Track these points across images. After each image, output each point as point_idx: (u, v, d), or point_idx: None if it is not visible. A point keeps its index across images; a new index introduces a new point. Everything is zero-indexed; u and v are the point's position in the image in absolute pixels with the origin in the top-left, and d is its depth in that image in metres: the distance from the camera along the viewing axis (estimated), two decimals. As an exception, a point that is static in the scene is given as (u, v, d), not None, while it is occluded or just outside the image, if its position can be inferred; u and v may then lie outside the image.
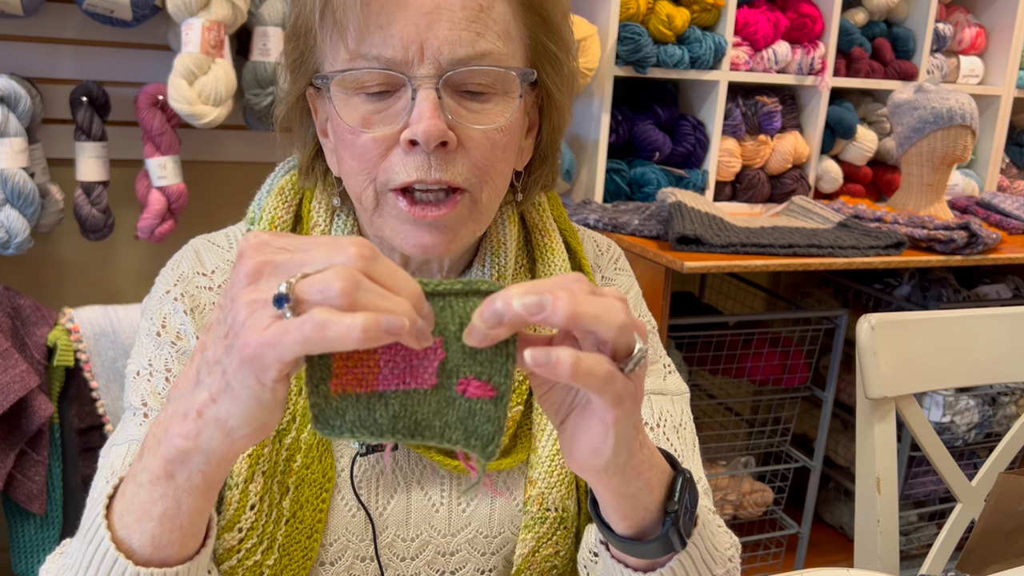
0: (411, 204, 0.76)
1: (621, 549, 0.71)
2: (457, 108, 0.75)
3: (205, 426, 0.56)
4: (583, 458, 0.62)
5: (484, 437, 0.58)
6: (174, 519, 0.60)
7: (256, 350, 0.52)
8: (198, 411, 0.56)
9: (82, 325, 1.53)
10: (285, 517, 0.82)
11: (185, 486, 0.59)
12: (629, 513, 0.68)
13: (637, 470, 0.66)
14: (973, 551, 1.15)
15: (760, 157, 2.45)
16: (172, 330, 0.84)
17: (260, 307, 0.53)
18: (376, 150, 0.76)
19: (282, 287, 0.51)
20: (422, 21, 0.73)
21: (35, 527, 1.66)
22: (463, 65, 0.74)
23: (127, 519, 0.61)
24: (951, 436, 2.35)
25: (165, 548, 0.61)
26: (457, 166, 0.75)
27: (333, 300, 0.51)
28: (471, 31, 0.74)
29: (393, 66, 0.74)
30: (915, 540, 2.58)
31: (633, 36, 2.16)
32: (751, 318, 2.29)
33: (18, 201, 1.71)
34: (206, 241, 0.90)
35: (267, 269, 0.54)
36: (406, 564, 0.88)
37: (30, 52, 1.85)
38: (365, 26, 0.73)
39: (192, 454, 0.58)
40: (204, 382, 0.56)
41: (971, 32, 2.71)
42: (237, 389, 0.54)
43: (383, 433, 0.56)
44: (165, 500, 0.59)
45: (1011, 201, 2.56)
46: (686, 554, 0.72)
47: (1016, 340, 1.32)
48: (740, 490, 2.38)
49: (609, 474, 0.64)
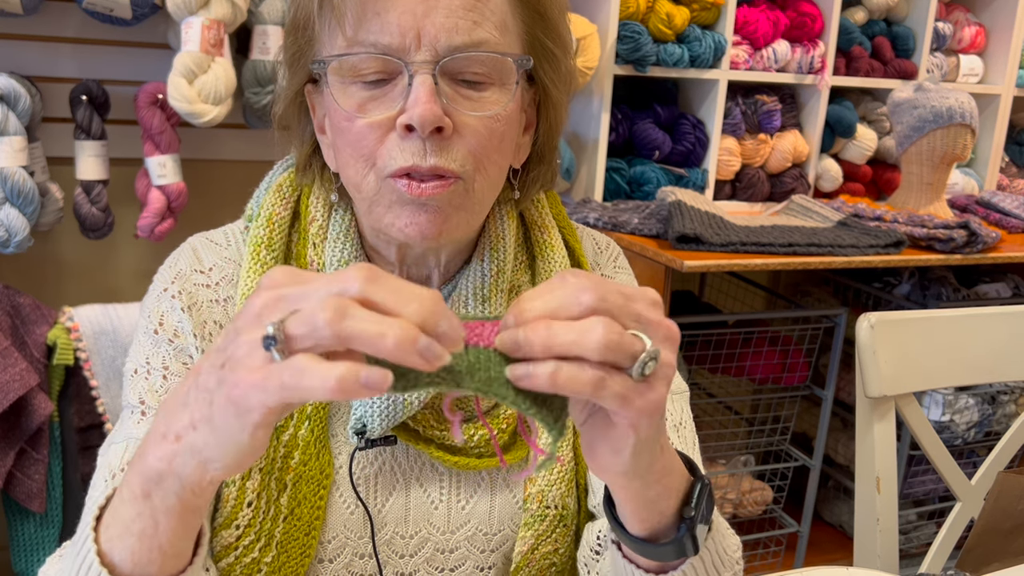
0: (409, 182, 0.76)
1: (633, 549, 0.71)
2: (454, 95, 0.75)
3: (180, 451, 0.56)
4: (603, 460, 0.62)
5: (555, 410, 0.57)
6: (152, 539, 0.59)
7: (243, 391, 0.51)
8: (177, 435, 0.56)
9: (82, 324, 1.53)
10: (283, 514, 0.82)
11: (161, 507, 0.58)
12: (646, 516, 0.68)
13: (658, 475, 0.65)
14: (972, 550, 1.15)
15: (760, 156, 2.45)
16: (169, 328, 0.84)
17: (255, 347, 0.51)
18: (372, 136, 0.76)
19: (269, 328, 0.50)
20: (419, 9, 0.73)
21: (35, 526, 1.66)
22: (459, 52, 0.74)
23: (110, 532, 0.61)
24: (951, 435, 2.35)
25: (145, 566, 0.60)
26: (452, 152, 0.75)
27: (320, 332, 0.49)
28: (468, 19, 0.74)
29: (390, 52, 0.74)
30: (914, 539, 2.58)
31: (633, 35, 2.16)
32: (751, 317, 2.29)
33: (18, 200, 1.71)
34: (204, 239, 0.90)
35: (273, 303, 0.52)
36: (405, 561, 0.88)
37: (30, 51, 1.85)
38: (362, 13, 0.74)
39: (166, 477, 0.57)
40: (190, 406, 0.56)
41: (971, 31, 2.71)
42: (218, 423, 0.54)
43: (460, 383, 0.54)
44: (143, 519, 0.59)
45: (1011, 200, 2.56)
46: (698, 559, 0.72)
47: (1016, 339, 1.32)
48: (740, 489, 2.38)
49: (629, 478, 0.63)
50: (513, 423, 0.88)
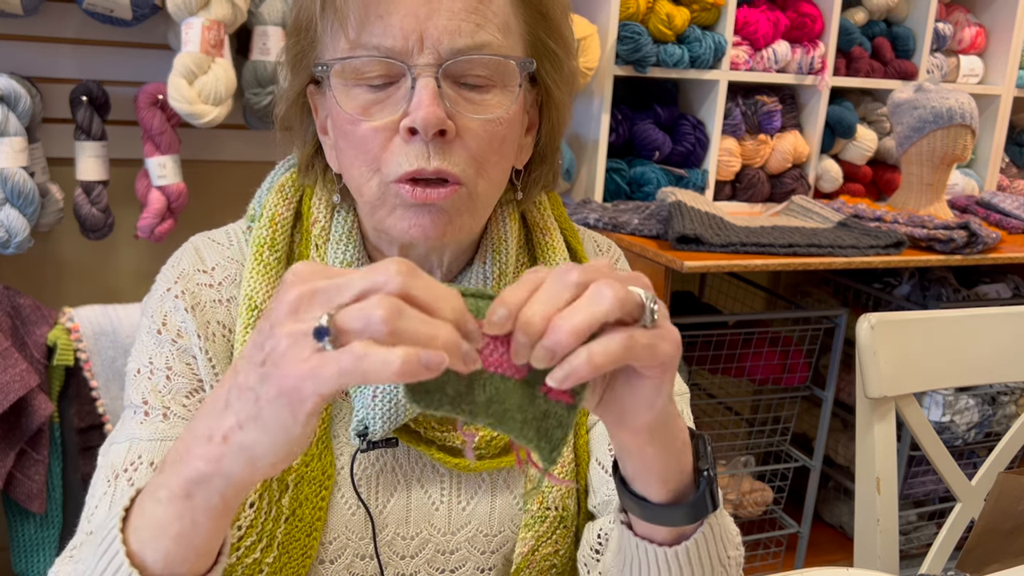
0: (412, 187, 0.76)
1: (656, 520, 0.70)
2: (456, 98, 0.75)
3: (229, 451, 0.56)
4: (638, 419, 0.63)
5: (553, 441, 0.59)
6: (189, 539, 0.60)
7: (295, 382, 0.52)
8: (224, 436, 0.56)
9: (82, 324, 1.53)
10: (284, 515, 0.82)
11: (203, 507, 0.59)
12: (672, 475, 0.68)
13: (676, 421, 0.67)
14: (973, 550, 1.15)
15: (760, 156, 2.45)
16: (173, 328, 0.84)
17: (300, 338, 0.52)
18: (376, 140, 0.76)
19: (323, 319, 0.51)
20: (422, 11, 0.73)
21: (35, 526, 1.66)
22: (462, 55, 0.74)
23: (142, 534, 0.61)
24: (951, 435, 2.35)
25: (178, 566, 0.61)
26: (455, 156, 0.75)
27: (375, 328, 0.50)
28: (470, 22, 0.74)
29: (393, 55, 0.74)
30: (915, 539, 2.58)
31: (633, 35, 2.16)
32: (751, 317, 2.29)
33: (18, 200, 1.71)
34: (206, 238, 0.90)
35: (306, 298, 0.53)
36: (406, 562, 0.88)
37: (30, 51, 1.85)
38: (365, 16, 0.74)
39: (213, 477, 0.57)
40: (233, 407, 0.56)
41: (971, 31, 2.71)
42: (268, 419, 0.54)
43: (476, 415, 0.56)
44: (182, 520, 0.59)
45: (1011, 200, 2.56)
46: (708, 527, 0.72)
47: (1016, 340, 1.32)
48: (740, 489, 2.38)
49: (659, 430, 0.64)
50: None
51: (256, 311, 0.83)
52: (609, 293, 0.56)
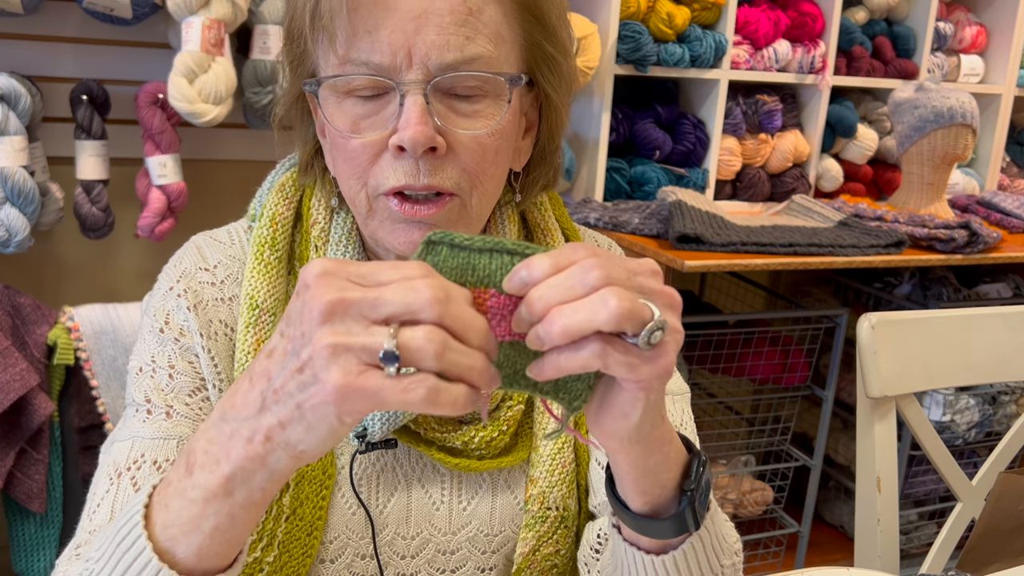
0: (402, 202, 0.76)
1: (635, 528, 0.71)
2: (446, 113, 0.75)
3: (273, 449, 0.57)
4: (610, 425, 0.63)
5: (572, 392, 0.61)
6: (225, 533, 0.60)
7: (346, 393, 0.53)
8: (266, 436, 0.57)
9: (82, 323, 1.52)
10: (285, 514, 0.82)
11: (242, 503, 0.59)
12: (647, 488, 0.68)
13: (658, 443, 0.66)
14: (973, 550, 1.15)
15: (760, 156, 2.45)
16: (175, 326, 0.84)
17: (344, 351, 0.53)
18: (366, 155, 0.76)
19: (389, 344, 0.53)
20: (410, 26, 0.72)
21: (35, 526, 1.66)
22: (451, 70, 0.74)
23: (172, 531, 0.61)
24: (951, 435, 2.35)
25: (210, 559, 0.61)
26: (446, 171, 0.75)
27: (428, 363, 0.53)
28: (460, 35, 0.73)
29: (381, 71, 0.74)
30: (915, 539, 2.58)
31: (633, 35, 2.16)
32: (751, 317, 2.29)
33: (18, 199, 1.70)
34: (208, 237, 0.90)
35: (341, 308, 0.54)
36: (406, 562, 0.88)
37: (30, 50, 1.85)
38: (353, 31, 0.73)
39: (256, 473, 0.58)
40: (271, 409, 0.56)
41: (972, 31, 2.71)
42: (312, 421, 0.55)
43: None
44: (219, 516, 0.60)
45: (1011, 200, 2.56)
46: (697, 538, 0.72)
47: (1016, 339, 1.32)
48: (740, 489, 2.38)
49: (632, 443, 0.64)
50: (514, 425, 0.88)
51: (257, 310, 0.83)
52: (613, 303, 0.55)
